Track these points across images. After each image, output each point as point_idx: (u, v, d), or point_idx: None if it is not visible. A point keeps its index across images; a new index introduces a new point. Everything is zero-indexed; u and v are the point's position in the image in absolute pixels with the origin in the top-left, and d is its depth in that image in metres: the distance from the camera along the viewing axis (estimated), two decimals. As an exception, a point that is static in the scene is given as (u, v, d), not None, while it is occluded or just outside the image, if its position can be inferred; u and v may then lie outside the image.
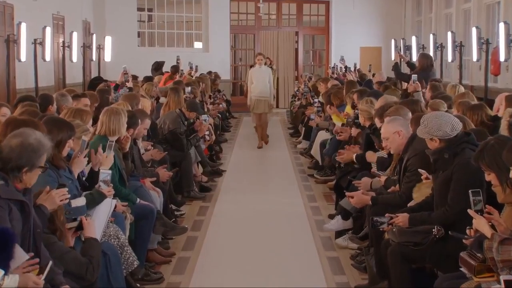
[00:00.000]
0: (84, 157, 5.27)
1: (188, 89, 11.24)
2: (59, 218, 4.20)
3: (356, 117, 8.29)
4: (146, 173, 7.15)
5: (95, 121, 6.57)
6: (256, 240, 7.34)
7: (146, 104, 8.61)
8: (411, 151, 5.46)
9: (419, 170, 5.25)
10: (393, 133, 5.80)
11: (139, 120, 6.99)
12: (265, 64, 14.90)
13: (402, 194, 5.49)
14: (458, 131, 4.74)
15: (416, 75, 9.82)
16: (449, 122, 4.75)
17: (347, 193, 6.20)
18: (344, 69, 15.19)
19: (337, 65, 16.58)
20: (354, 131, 8.33)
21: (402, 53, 15.26)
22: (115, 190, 5.46)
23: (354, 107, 8.90)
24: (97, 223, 4.73)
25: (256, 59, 14.09)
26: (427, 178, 5.19)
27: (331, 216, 7.75)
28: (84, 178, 5.47)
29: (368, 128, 7.58)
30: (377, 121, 6.79)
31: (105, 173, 5.29)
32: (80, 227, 4.38)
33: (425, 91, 9.44)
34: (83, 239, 4.37)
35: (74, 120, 5.59)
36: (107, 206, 5.02)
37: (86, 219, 4.41)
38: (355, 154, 7.51)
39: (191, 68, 14.95)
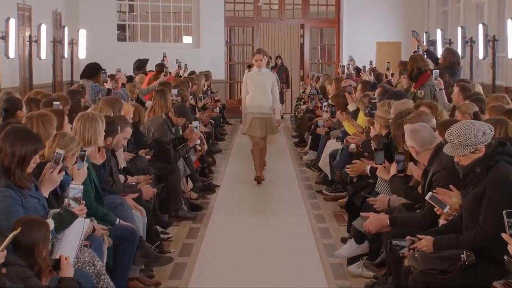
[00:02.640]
0: (59, 172, 5.26)
1: (175, 91, 11.25)
2: (40, 253, 4.23)
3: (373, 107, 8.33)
4: (127, 188, 7.15)
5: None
6: (254, 267, 7.32)
7: (127, 108, 8.61)
8: (437, 164, 5.45)
9: (450, 187, 5.23)
10: (410, 147, 5.81)
11: (119, 128, 6.99)
12: (268, 64, 12.70)
13: (426, 214, 5.48)
14: (491, 135, 4.75)
15: (438, 71, 9.82)
16: (477, 127, 4.76)
17: (362, 214, 6.19)
18: (355, 70, 15.16)
19: (349, 64, 16.58)
20: (373, 131, 8.30)
21: (419, 39, 15.21)
22: (90, 209, 5.45)
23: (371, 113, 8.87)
24: (68, 248, 4.72)
25: (254, 58, 11.63)
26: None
27: (344, 240, 7.74)
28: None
29: (385, 137, 7.59)
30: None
31: (75, 189, 5.26)
32: (57, 267, 4.40)
33: (452, 92, 9.46)
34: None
35: (68, 135, 5.63)
36: (79, 227, 5.00)
37: (65, 259, 4.43)
38: (369, 166, 7.50)
39: (179, 66, 14.96)
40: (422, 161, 5.81)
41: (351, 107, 10.56)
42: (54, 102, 7.97)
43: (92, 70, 11.68)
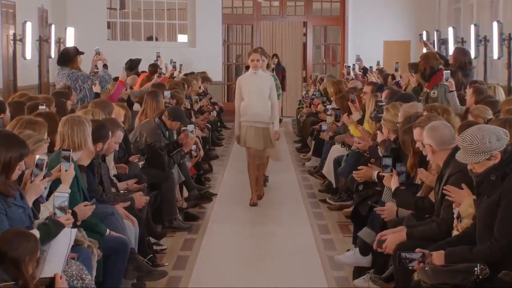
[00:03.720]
0: (43, 179, 5.26)
1: (168, 93, 11.23)
2: (26, 267, 4.23)
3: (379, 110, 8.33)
4: (118, 197, 7.15)
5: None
6: (254, 281, 7.31)
7: (118, 111, 8.61)
8: (453, 166, 5.44)
9: (462, 185, 5.23)
10: (427, 145, 5.79)
11: (110, 133, 6.99)
12: (268, 67, 11.87)
13: (442, 222, 5.46)
14: (506, 141, 4.75)
15: (448, 71, 9.82)
16: (492, 132, 4.75)
17: (379, 236, 6.04)
18: (361, 71, 15.16)
19: (354, 65, 16.57)
20: (380, 136, 8.30)
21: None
22: (78, 219, 5.45)
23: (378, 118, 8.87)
24: (55, 261, 4.71)
25: (250, 58, 10.71)
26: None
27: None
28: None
29: (394, 142, 7.58)
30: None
31: (61, 197, 5.24)
32: (50, 286, 4.40)
33: (464, 93, 9.47)
34: None
35: (24, 131, 5.59)
36: (66, 238, 5.00)
37: (60, 277, 4.43)
38: (377, 172, 7.49)
39: (174, 67, 14.96)
40: (437, 162, 5.77)
41: (355, 117, 10.55)
42: (40, 106, 7.96)
43: (66, 56, 11.12)
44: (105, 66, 11.15)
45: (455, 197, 5.22)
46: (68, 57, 10.97)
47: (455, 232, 5.28)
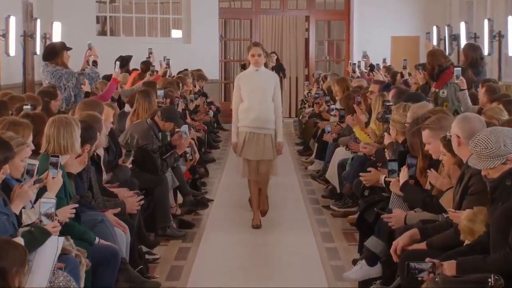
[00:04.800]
0: (34, 183, 5.26)
1: (161, 92, 11.23)
2: (13, 280, 4.22)
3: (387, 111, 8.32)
4: (108, 202, 7.14)
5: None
6: (253, 293, 7.33)
7: (108, 112, 8.59)
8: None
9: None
10: (453, 135, 5.71)
11: (97, 133, 6.98)
12: (266, 66, 10.39)
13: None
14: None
15: (459, 69, 9.81)
16: (506, 134, 4.76)
17: (393, 246, 6.03)
18: (368, 68, 15.17)
19: (360, 62, 16.57)
20: (388, 138, 8.29)
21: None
22: (65, 227, 5.44)
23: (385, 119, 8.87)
24: (41, 272, 4.71)
25: (250, 53, 9.73)
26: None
27: (354, 262, 7.71)
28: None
29: (402, 144, 7.59)
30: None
31: (48, 203, 5.23)
32: None
33: (476, 92, 9.48)
34: None
35: (5, 133, 5.58)
36: (53, 247, 5.00)
37: None
38: (384, 176, 7.49)
39: (168, 64, 14.89)
40: (460, 156, 5.69)
41: (361, 119, 10.54)
42: (25, 106, 7.95)
43: (52, 50, 10.96)
44: (94, 62, 11.07)
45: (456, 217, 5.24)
46: (53, 52, 10.84)
47: (466, 241, 5.28)
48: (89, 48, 11.10)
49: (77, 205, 5.87)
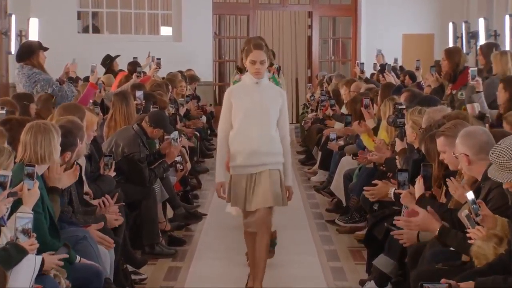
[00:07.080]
0: (8, 197, 5.27)
1: (140, 93, 11.16)
2: None
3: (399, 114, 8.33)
4: (89, 218, 7.14)
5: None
6: (250, 317, 7.33)
7: (91, 118, 8.56)
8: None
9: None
10: (461, 155, 5.77)
11: (78, 139, 6.97)
12: (273, 71, 9.84)
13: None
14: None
15: (475, 69, 9.81)
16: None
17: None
18: (379, 68, 15.17)
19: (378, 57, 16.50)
20: (399, 144, 8.30)
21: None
22: (44, 244, 5.45)
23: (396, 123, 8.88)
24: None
25: (248, 58, 7.56)
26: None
27: (362, 283, 7.75)
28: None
29: (417, 151, 7.59)
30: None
31: (24, 218, 5.25)
32: None
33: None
34: None
35: None
36: (30, 266, 5.01)
37: None
38: (393, 189, 7.49)
39: (157, 65, 14.76)
40: (473, 175, 5.74)
41: (369, 125, 10.54)
42: (0, 111, 7.96)
43: (27, 48, 10.90)
44: (71, 79, 11.02)
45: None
46: (28, 50, 10.78)
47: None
48: (74, 62, 11.08)
49: (67, 256, 5.85)
